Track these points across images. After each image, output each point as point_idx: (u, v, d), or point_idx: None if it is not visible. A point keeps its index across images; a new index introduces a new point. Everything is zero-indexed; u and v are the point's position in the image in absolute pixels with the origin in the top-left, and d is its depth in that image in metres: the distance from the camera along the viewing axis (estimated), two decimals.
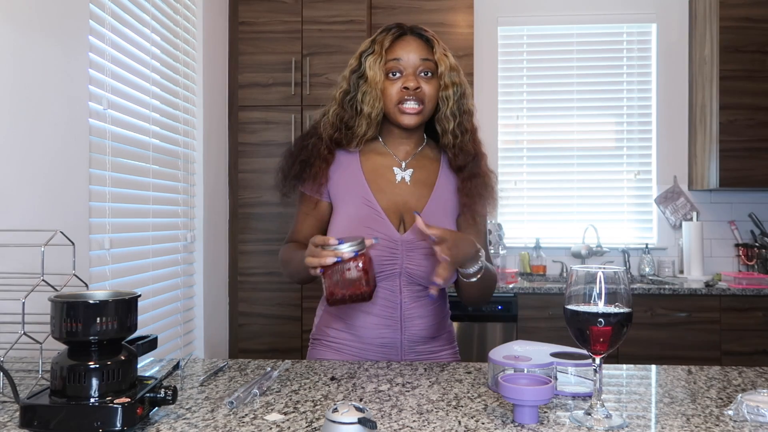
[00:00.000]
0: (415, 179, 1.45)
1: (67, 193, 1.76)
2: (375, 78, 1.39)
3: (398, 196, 1.42)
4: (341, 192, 1.43)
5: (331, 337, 1.45)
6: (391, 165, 1.45)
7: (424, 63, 1.40)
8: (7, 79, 1.51)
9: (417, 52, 1.40)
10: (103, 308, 0.87)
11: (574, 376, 1.06)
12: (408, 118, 1.39)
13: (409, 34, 1.43)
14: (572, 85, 3.76)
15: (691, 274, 3.42)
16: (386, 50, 1.40)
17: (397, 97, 1.39)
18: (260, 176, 3.23)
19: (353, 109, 1.42)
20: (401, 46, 1.41)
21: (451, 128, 1.43)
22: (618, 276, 0.91)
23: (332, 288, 1.19)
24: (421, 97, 1.39)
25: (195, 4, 2.80)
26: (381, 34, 1.43)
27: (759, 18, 3.28)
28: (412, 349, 1.42)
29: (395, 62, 1.39)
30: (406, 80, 1.38)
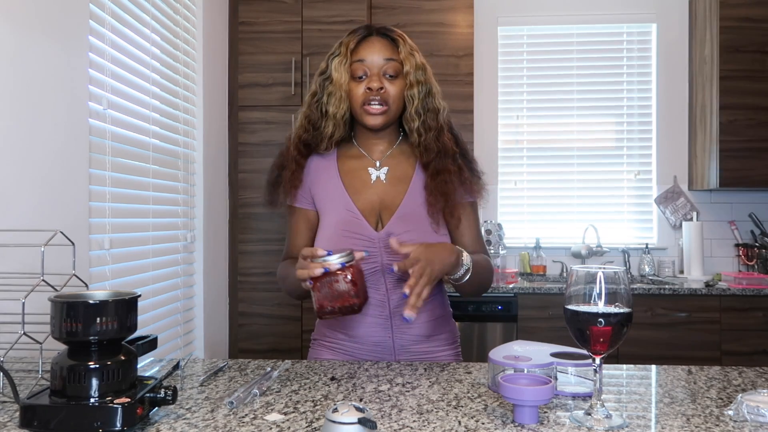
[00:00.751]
0: (390, 177, 1.45)
1: (67, 193, 1.76)
2: (340, 79, 1.41)
3: (374, 195, 1.43)
4: (323, 200, 1.45)
5: (328, 338, 1.46)
6: (366, 165, 1.46)
7: (388, 63, 1.40)
8: (7, 79, 1.51)
9: (381, 53, 1.41)
10: (103, 308, 0.87)
11: (574, 376, 1.06)
12: (372, 118, 1.40)
13: (375, 35, 1.43)
14: (572, 85, 3.76)
15: (691, 274, 3.42)
16: (351, 51, 1.42)
17: (362, 98, 1.40)
18: (260, 176, 3.21)
19: (319, 111, 1.44)
20: (365, 47, 1.42)
21: (416, 127, 1.43)
22: (618, 276, 0.91)
23: (321, 300, 1.19)
24: (385, 98, 1.39)
25: (195, 4, 2.80)
26: (348, 36, 1.45)
27: (759, 18, 3.28)
28: (406, 350, 1.41)
29: (359, 63, 1.41)
30: (370, 81, 1.39)
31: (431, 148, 1.43)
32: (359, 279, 1.20)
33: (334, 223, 1.41)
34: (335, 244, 1.36)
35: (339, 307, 1.19)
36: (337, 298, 1.18)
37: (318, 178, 1.46)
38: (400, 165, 1.47)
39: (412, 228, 1.39)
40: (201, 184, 2.83)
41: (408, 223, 1.40)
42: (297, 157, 1.46)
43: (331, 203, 1.43)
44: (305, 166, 1.47)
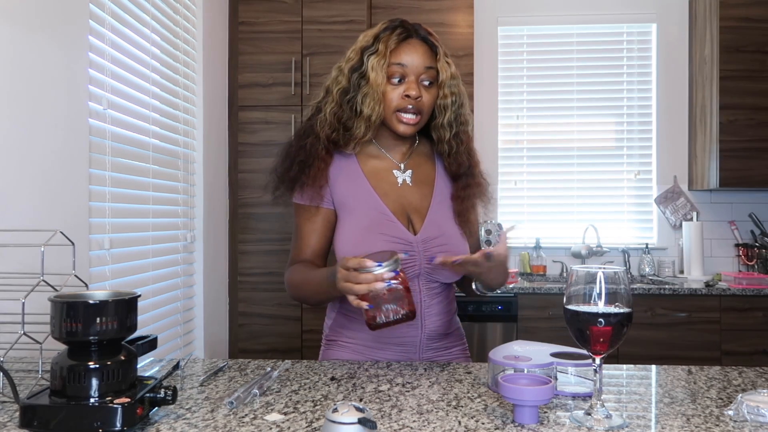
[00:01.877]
0: (415, 179, 1.44)
1: (67, 193, 1.76)
2: (377, 80, 1.34)
3: (403, 198, 1.41)
4: (346, 199, 1.39)
5: (347, 338, 1.42)
6: (390, 168, 1.44)
7: (428, 71, 1.37)
8: (7, 79, 1.51)
9: (422, 59, 1.36)
10: (103, 308, 0.87)
11: (574, 376, 1.06)
12: (405, 128, 1.38)
13: (415, 38, 1.38)
14: (572, 85, 3.76)
15: (691, 274, 3.42)
16: (390, 52, 1.36)
17: (397, 104, 1.36)
18: (260, 176, 3.23)
19: (352, 110, 1.37)
20: (406, 50, 1.36)
21: (447, 138, 1.42)
22: (618, 276, 0.91)
23: (373, 312, 1.14)
24: (420, 106, 1.37)
25: (195, 4, 2.80)
26: (385, 32, 1.38)
27: (759, 18, 3.28)
28: (429, 347, 1.40)
29: (399, 67, 1.36)
30: (409, 87, 1.35)
31: (463, 162, 1.43)
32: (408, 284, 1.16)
33: (364, 224, 1.36)
34: (366, 246, 1.31)
35: (394, 318, 1.15)
36: (392, 308, 1.14)
37: (340, 177, 1.40)
38: (421, 167, 1.46)
39: (444, 232, 1.39)
40: (201, 184, 2.83)
41: (440, 226, 1.40)
42: (325, 157, 1.39)
43: (357, 202, 1.38)
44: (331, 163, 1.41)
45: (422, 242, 1.37)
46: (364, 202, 1.38)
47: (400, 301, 1.14)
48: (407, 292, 1.14)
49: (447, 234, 1.39)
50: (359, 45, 1.41)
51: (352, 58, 1.40)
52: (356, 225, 1.37)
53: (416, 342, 1.39)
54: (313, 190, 1.38)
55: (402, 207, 1.40)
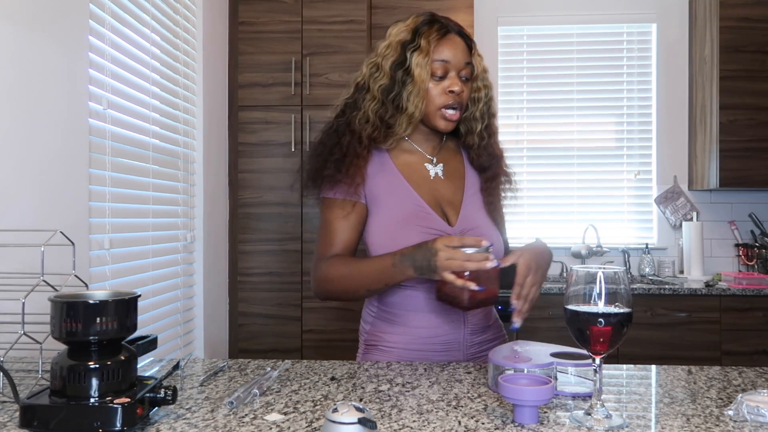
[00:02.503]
0: (446, 173, 1.45)
1: (67, 193, 1.76)
2: (422, 77, 1.34)
3: (436, 191, 1.41)
4: (380, 192, 1.38)
5: (388, 342, 1.40)
6: (422, 161, 1.44)
7: (467, 67, 1.39)
8: (7, 79, 1.51)
9: (462, 55, 1.37)
10: (103, 308, 0.87)
11: (574, 376, 1.06)
12: (446, 124, 1.39)
13: (452, 33, 1.39)
14: (572, 85, 3.76)
15: (691, 274, 3.42)
16: (433, 48, 1.35)
17: (441, 100, 1.37)
18: (260, 176, 3.23)
19: (396, 108, 1.36)
20: (448, 46, 1.37)
21: (478, 130, 1.43)
22: (618, 276, 0.91)
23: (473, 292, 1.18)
24: (461, 102, 1.38)
25: (195, 4, 2.80)
26: (423, 26, 1.37)
27: (759, 18, 3.28)
28: (472, 342, 1.40)
29: (443, 63, 1.36)
30: (453, 83, 1.36)
31: (493, 153, 1.45)
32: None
33: (400, 217, 1.35)
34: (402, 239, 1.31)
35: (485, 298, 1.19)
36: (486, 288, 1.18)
37: (372, 171, 1.39)
38: (451, 161, 1.47)
39: (479, 224, 1.40)
40: (201, 184, 2.83)
41: (475, 219, 1.40)
42: (365, 154, 1.37)
43: (393, 198, 1.37)
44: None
45: (460, 234, 1.36)
46: (399, 196, 1.38)
47: (492, 283, 1.19)
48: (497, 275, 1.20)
49: (481, 226, 1.40)
50: (396, 40, 1.38)
51: (389, 54, 1.38)
52: (391, 218, 1.36)
53: (459, 339, 1.38)
54: (350, 186, 1.36)
55: (436, 200, 1.40)
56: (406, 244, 1.29)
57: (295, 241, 3.20)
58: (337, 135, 1.40)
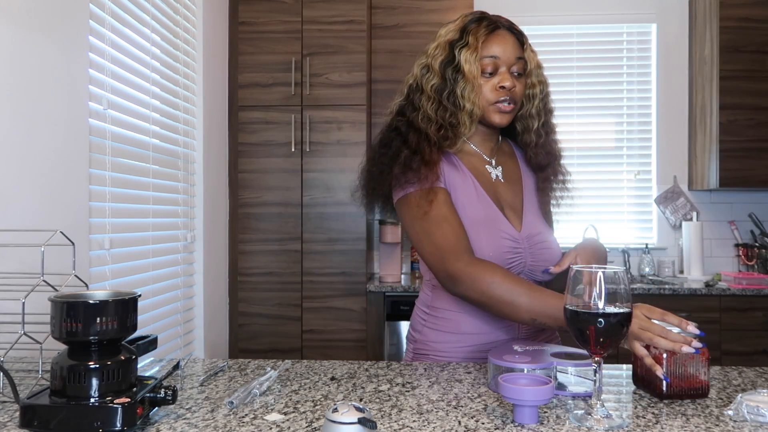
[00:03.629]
0: (505, 176, 1.44)
1: (67, 193, 1.76)
2: (473, 73, 1.32)
3: (498, 194, 1.40)
4: (457, 191, 1.36)
5: (440, 351, 1.38)
6: (483, 163, 1.42)
7: (518, 62, 1.36)
8: (6, 80, 1.51)
9: (512, 50, 1.35)
10: (103, 308, 0.87)
11: (574, 376, 1.06)
12: (502, 117, 1.36)
13: (502, 28, 1.36)
14: (572, 85, 3.76)
15: (691, 274, 3.42)
16: (482, 44, 1.33)
17: (492, 96, 1.34)
18: (260, 176, 3.23)
19: (454, 105, 1.34)
20: (497, 41, 1.34)
21: (535, 127, 1.42)
22: (618, 276, 0.91)
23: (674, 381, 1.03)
24: (514, 96, 1.35)
25: (195, 4, 2.80)
26: (471, 24, 1.36)
27: (759, 18, 3.28)
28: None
29: (491, 60, 1.34)
30: (503, 79, 1.34)
31: (551, 150, 1.43)
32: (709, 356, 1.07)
33: (477, 219, 1.33)
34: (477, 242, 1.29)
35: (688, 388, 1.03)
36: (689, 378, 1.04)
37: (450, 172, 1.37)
38: (508, 163, 1.46)
39: (541, 230, 1.39)
40: (201, 184, 2.83)
41: (536, 225, 1.39)
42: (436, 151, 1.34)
43: (470, 198, 1.35)
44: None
45: (526, 239, 1.36)
46: (471, 196, 1.36)
47: (701, 373, 1.04)
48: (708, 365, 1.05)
49: (543, 231, 1.40)
50: (445, 39, 1.37)
51: (438, 54, 1.36)
52: (468, 218, 1.33)
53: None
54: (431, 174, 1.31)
55: (500, 203, 1.39)
56: (483, 247, 1.29)
57: (295, 241, 3.20)
58: (400, 135, 1.37)
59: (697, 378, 1.04)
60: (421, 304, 1.45)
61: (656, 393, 1.04)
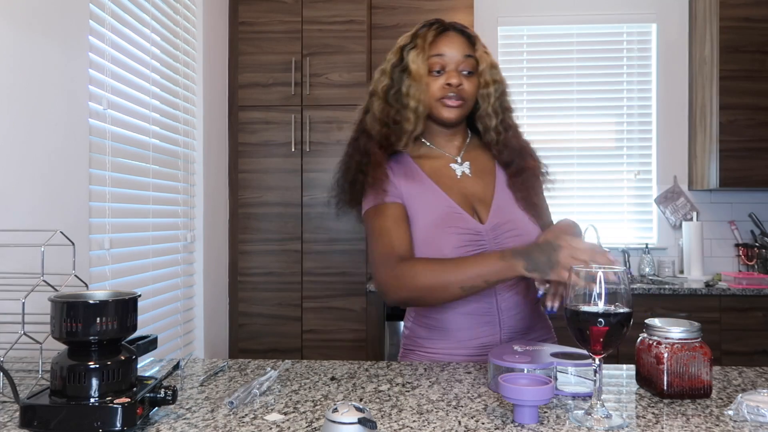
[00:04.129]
0: (475, 170, 1.45)
1: (67, 193, 1.76)
2: (419, 72, 1.37)
3: (465, 189, 1.41)
4: (412, 199, 1.39)
5: (425, 348, 1.41)
6: (447, 163, 1.45)
7: (467, 60, 1.39)
8: (6, 80, 1.51)
9: (460, 49, 1.39)
10: (103, 308, 0.87)
11: (574, 376, 1.06)
12: (449, 111, 1.38)
13: (451, 30, 1.42)
14: (572, 85, 3.76)
15: (691, 274, 3.42)
16: (429, 45, 1.38)
17: (439, 94, 1.38)
18: (260, 176, 3.23)
19: (399, 104, 1.39)
20: (444, 41, 1.39)
21: (493, 125, 1.43)
22: (618, 276, 0.91)
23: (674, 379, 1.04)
24: (462, 94, 1.38)
25: (195, 4, 2.80)
26: (422, 29, 1.42)
27: (759, 18, 3.28)
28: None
29: (438, 58, 1.38)
30: (449, 77, 1.37)
31: (512, 145, 1.43)
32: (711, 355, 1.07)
33: (432, 220, 1.36)
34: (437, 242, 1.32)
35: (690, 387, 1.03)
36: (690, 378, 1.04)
37: (402, 179, 1.41)
38: (479, 158, 1.47)
39: (512, 218, 1.39)
40: (201, 184, 2.83)
41: (507, 213, 1.39)
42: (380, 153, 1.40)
43: (426, 203, 1.38)
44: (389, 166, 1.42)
45: (491, 230, 1.36)
46: (430, 199, 1.38)
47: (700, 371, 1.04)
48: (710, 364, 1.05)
49: (515, 219, 1.39)
50: (398, 45, 1.43)
51: (391, 58, 1.43)
52: (425, 222, 1.36)
53: (496, 342, 1.35)
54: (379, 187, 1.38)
55: (466, 198, 1.40)
56: (442, 247, 1.31)
57: (295, 241, 3.20)
58: (356, 142, 1.44)
59: (699, 378, 1.04)
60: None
61: (658, 392, 1.05)
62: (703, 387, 1.04)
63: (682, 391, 1.03)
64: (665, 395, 1.03)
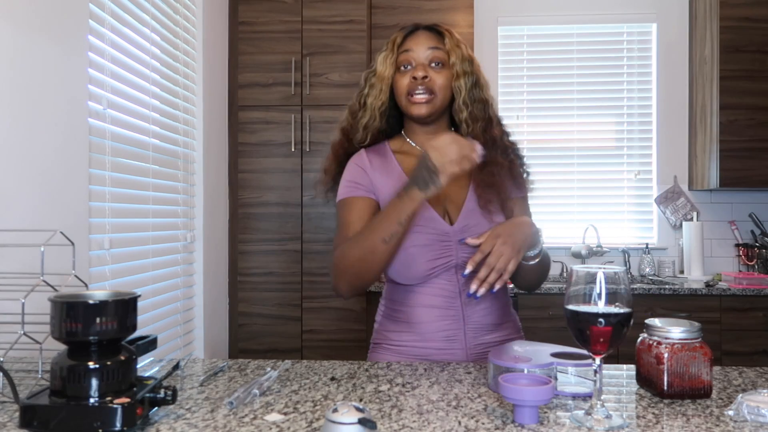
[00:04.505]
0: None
1: (67, 193, 1.76)
2: (383, 72, 1.42)
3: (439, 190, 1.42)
4: (386, 196, 1.40)
5: (392, 340, 1.43)
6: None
7: (434, 52, 1.41)
8: (6, 79, 1.51)
9: (426, 43, 1.41)
10: (103, 308, 0.87)
11: (574, 376, 1.06)
12: (417, 107, 1.39)
13: (422, 29, 1.44)
14: (572, 85, 3.76)
15: (691, 274, 3.42)
16: (397, 46, 1.43)
17: (407, 88, 1.40)
18: (260, 176, 3.23)
19: (359, 102, 1.46)
20: (411, 39, 1.43)
21: (463, 118, 1.43)
22: (618, 276, 0.91)
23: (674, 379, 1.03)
24: (430, 86, 1.39)
25: (195, 4, 2.79)
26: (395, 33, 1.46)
27: (759, 18, 3.28)
28: (477, 340, 1.39)
29: (405, 54, 1.41)
30: (416, 69, 1.39)
31: (478, 139, 1.40)
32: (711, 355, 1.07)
33: None
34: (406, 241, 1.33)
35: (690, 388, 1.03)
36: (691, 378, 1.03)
37: (379, 172, 1.43)
38: None
39: (483, 222, 1.39)
40: (201, 184, 2.83)
41: (478, 216, 1.39)
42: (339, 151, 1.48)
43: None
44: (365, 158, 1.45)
45: (459, 232, 1.37)
46: None
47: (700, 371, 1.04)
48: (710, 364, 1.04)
49: (481, 223, 1.39)
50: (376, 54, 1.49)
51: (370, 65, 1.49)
52: None
53: (460, 336, 1.37)
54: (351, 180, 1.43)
55: (438, 199, 1.40)
56: (409, 246, 1.33)
57: (295, 241, 3.20)
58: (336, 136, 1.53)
59: (699, 378, 1.04)
60: (382, 296, 1.52)
61: (658, 392, 1.04)
62: (704, 387, 1.04)
63: (683, 391, 1.03)
64: (665, 395, 1.03)
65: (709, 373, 1.04)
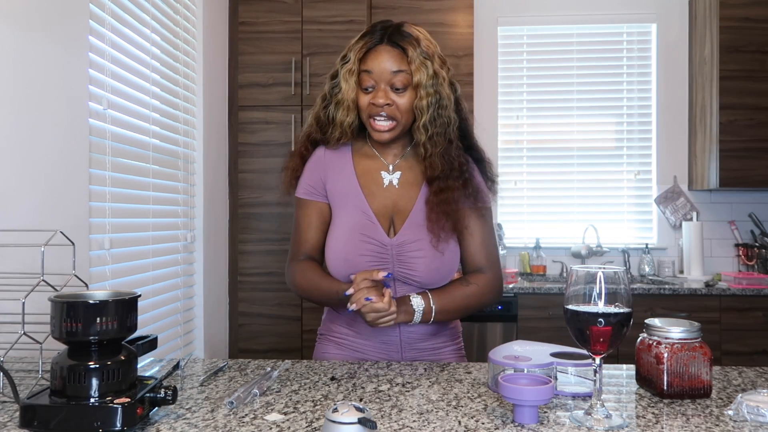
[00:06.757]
0: (403, 181, 1.43)
1: (67, 193, 1.76)
2: (348, 91, 1.36)
3: (388, 199, 1.42)
4: (338, 196, 1.42)
5: (335, 333, 1.47)
6: (380, 168, 1.44)
7: (396, 76, 1.34)
8: (7, 80, 1.51)
9: (388, 65, 1.34)
10: (103, 308, 0.87)
11: (574, 376, 1.06)
12: (378, 135, 1.38)
13: (384, 44, 1.36)
14: (572, 85, 3.76)
15: (691, 274, 3.42)
16: (359, 60, 1.36)
17: (368, 111, 1.37)
18: (260, 176, 3.23)
19: (327, 117, 1.42)
20: (373, 57, 1.35)
21: (422, 141, 1.38)
22: (618, 276, 0.91)
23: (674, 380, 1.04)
24: (392, 113, 1.35)
25: (195, 4, 2.80)
26: (358, 40, 1.38)
27: (759, 18, 3.28)
28: (412, 347, 1.42)
29: (367, 74, 1.36)
30: (376, 95, 1.34)
31: (436, 165, 1.37)
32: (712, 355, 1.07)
33: (348, 224, 1.39)
34: (349, 247, 1.37)
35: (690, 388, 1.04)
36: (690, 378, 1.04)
37: (333, 172, 1.43)
38: (412, 170, 1.45)
39: (422, 237, 1.37)
40: (201, 184, 2.83)
41: (421, 230, 1.38)
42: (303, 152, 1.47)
43: (346, 202, 1.41)
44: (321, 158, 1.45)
45: (397, 246, 1.37)
46: (351, 202, 1.41)
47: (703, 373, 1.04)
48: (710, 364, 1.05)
49: (421, 238, 1.37)
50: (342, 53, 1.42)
51: (334, 69, 1.43)
52: (342, 224, 1.41)
53: (396, 341, 1.41)
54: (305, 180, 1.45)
55: (386, 209, 1.41)
56: (353, 252, 1.36)
57: None
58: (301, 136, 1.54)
59: (699, 378, 1.04)
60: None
61: (658, 392, 1.05)
62: (703, 387, 1.04)
63: (682, 391, 1.03)
64: (665, 395, 1.04)
65: (708, 373, 1.04)
